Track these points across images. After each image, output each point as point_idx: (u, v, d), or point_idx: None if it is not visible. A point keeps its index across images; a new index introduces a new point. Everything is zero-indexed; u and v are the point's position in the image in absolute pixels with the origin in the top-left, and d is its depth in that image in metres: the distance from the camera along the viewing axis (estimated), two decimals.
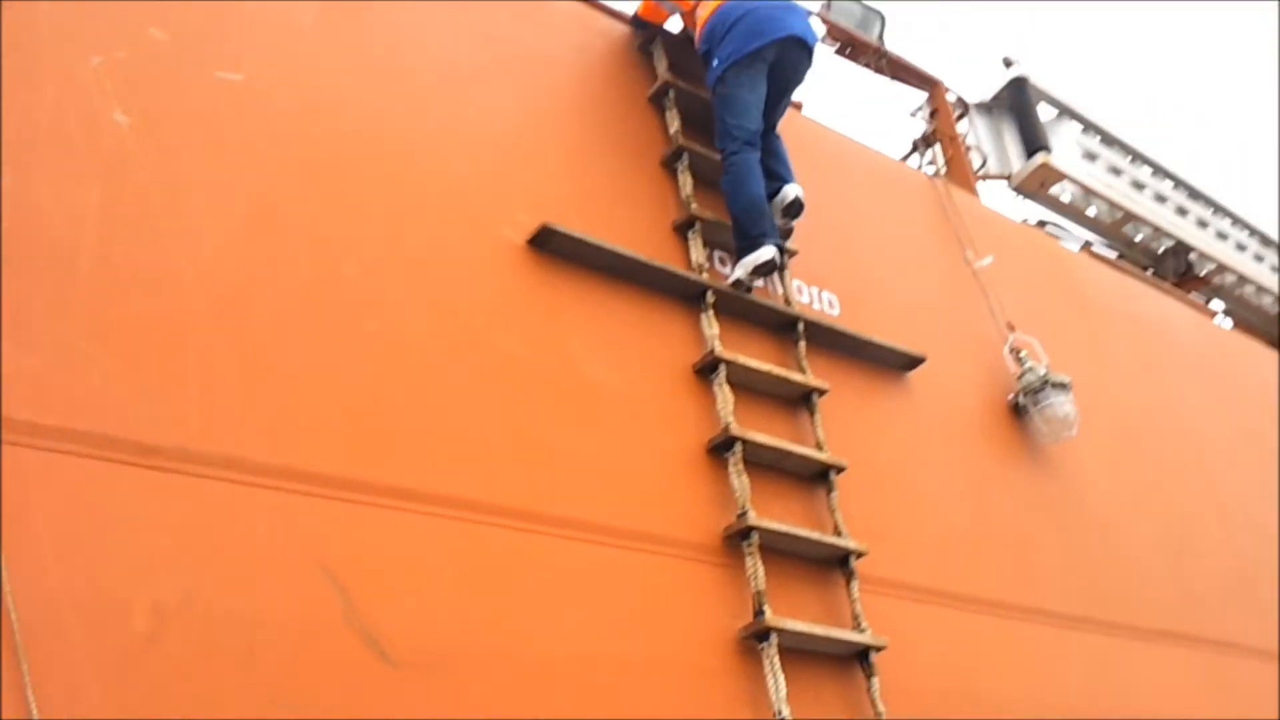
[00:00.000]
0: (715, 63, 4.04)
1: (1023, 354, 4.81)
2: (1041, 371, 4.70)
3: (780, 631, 3.16)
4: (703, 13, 4.15)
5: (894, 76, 6.35)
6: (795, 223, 4.14)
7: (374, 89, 3.37)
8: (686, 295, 3.75)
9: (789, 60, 4.14)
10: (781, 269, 4.03)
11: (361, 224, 3.11)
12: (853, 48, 6.32)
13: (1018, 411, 4.73)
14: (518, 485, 3.01)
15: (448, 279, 3.21)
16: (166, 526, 2.40)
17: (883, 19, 6.48)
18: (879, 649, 3.41)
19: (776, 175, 4.10)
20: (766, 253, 3.83)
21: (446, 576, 2.77)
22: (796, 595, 3.39)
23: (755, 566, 3.27)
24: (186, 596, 2.35)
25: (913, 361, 4.35)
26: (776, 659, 3.12)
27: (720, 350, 3.63)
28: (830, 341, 4.13)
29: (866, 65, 6.27)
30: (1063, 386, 4.67)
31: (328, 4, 3.38)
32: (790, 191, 4.08)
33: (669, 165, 4.06)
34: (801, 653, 3.27)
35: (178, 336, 2.64)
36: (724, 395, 3.57)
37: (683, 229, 3.91)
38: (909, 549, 3.87)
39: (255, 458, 2.60)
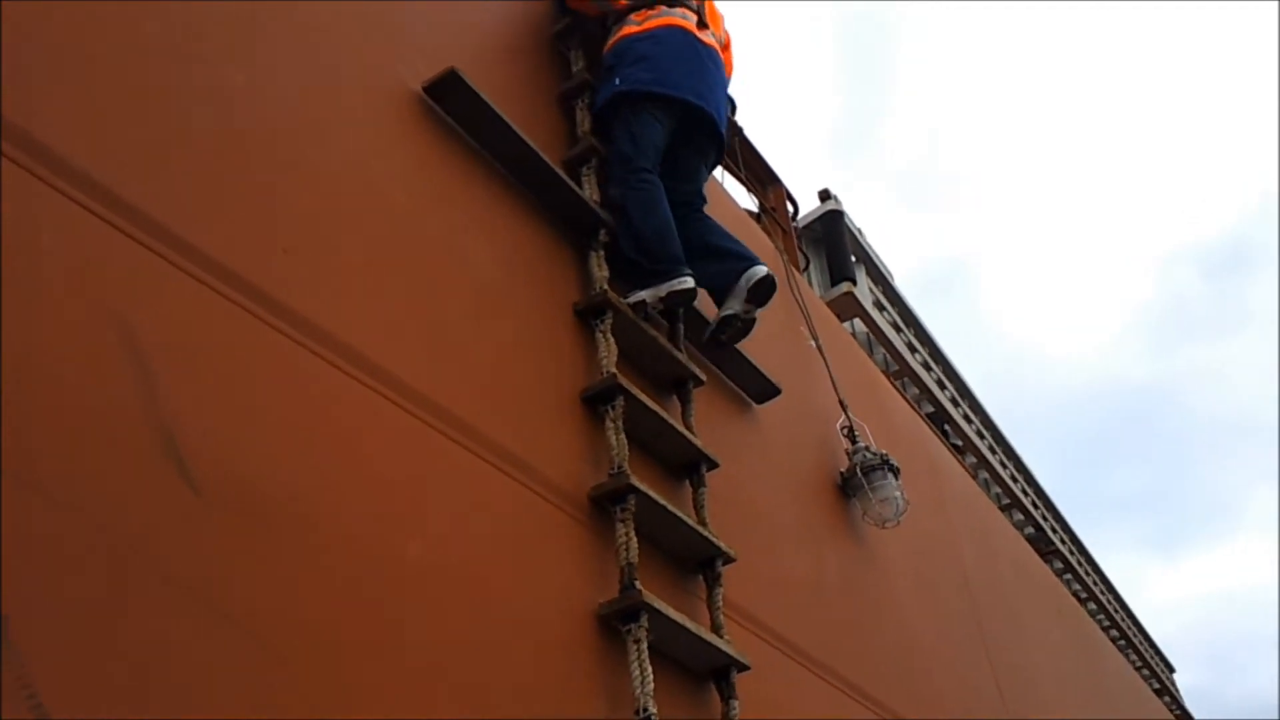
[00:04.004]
0: (617, 80, 3.42)
1: (856, 433, 4.52)
2: (877, 450, 4.41)
3: (651, 614, 2.49)
4: (635, 24, 3.54)
5: (743, 160, 6.17)
6: (760, 312, 3.46)
7: None
8: (576, 225, 3.16)
9: (693, 137, 3.55)
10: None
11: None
12: None
13: (846, 488, 4.38)
14: (371, 335, 2.22)
15: (332, 91, 2.47)
16: None
17: (733, 102, 6.36)
18: (743, 669, 2.80)
19: (731, 253, 3.45)
20: (686, 282, 3.17)
21: (272, 400, 1.93)
22: (655, 587, 2.72)
23: (627, 535, 2.61)
24: None
25: (769, 392, 3.92)
26: (645, 645, 2.44)
27: (611, 295, 3.04)
28: (699, 341, 3.63)
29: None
30: (895, 470, 4.38)
31: None
32: (760, 269, 3.39)
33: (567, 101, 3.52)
34: (658, 654, 2.60)
35: None
36: (607, 343, 2.96)
37: (576, 165, 3.35)
38: (753, 580, 3.31)
39: (41, 138, 1.72)
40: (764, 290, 3.41)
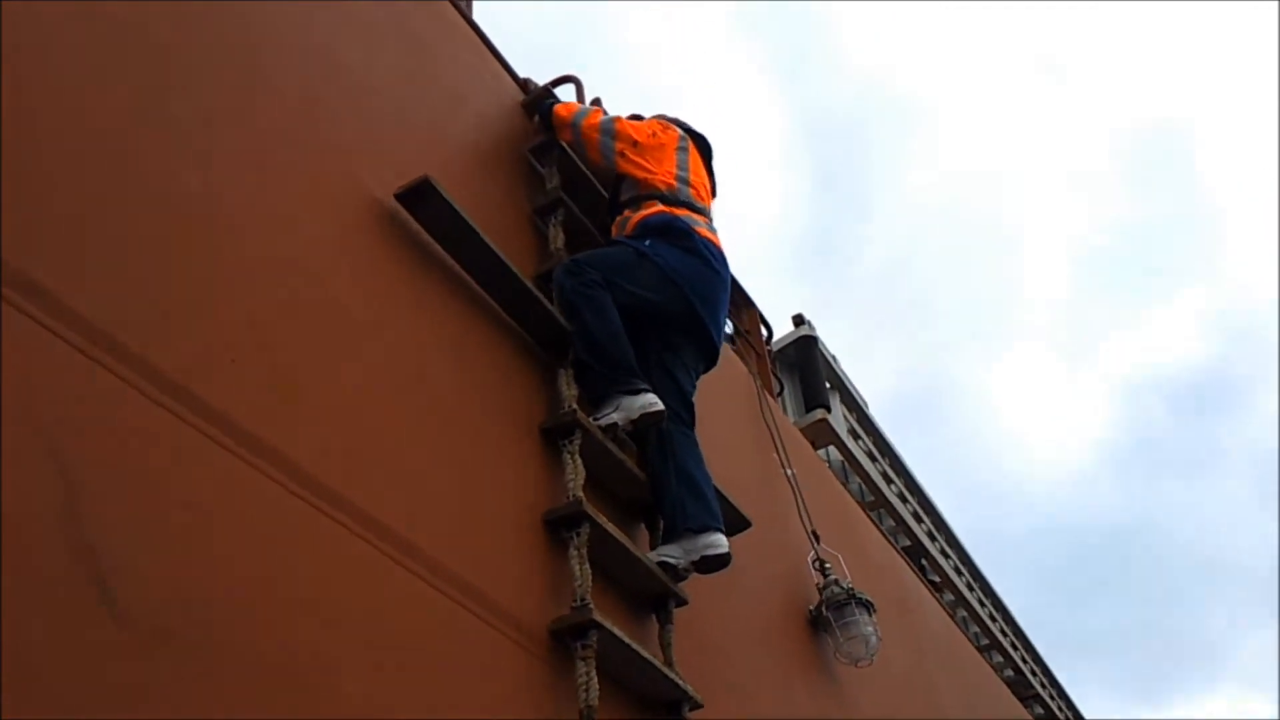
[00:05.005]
0: (647, 242, 3.36)
1: (827, 566, 4.36)
2: (847, 585, 4.24)
3: None
4: (666, 207, 3.45)
5: None
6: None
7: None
8: (546, 341, 3.06)
9: (688, 344, 3.42)
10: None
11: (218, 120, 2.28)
12: None
13: (815, 624, 4.20)
14: (321, 453, 2.07)
15: (293, 198, 2.38)
16: None
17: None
18: None
19: (704, 502, 3.14)
20: (656, 402, 3.03)
21: (208, 521, 1.77)
22: None
23: (588, 675, 2.43)
24: None
25: (739, 525, 3.76)
26: None
27: (580, 415, 2.92)
28: None
29: None
30: (868, 606, 4.21)
31: None
32: (722, 546, 3.07)
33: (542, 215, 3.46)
34: None
35: None
36: (575, 465, 2.82)
37: (547, 280, 3.26)
38: None
39: None
40: (714, 566, 3.09)
